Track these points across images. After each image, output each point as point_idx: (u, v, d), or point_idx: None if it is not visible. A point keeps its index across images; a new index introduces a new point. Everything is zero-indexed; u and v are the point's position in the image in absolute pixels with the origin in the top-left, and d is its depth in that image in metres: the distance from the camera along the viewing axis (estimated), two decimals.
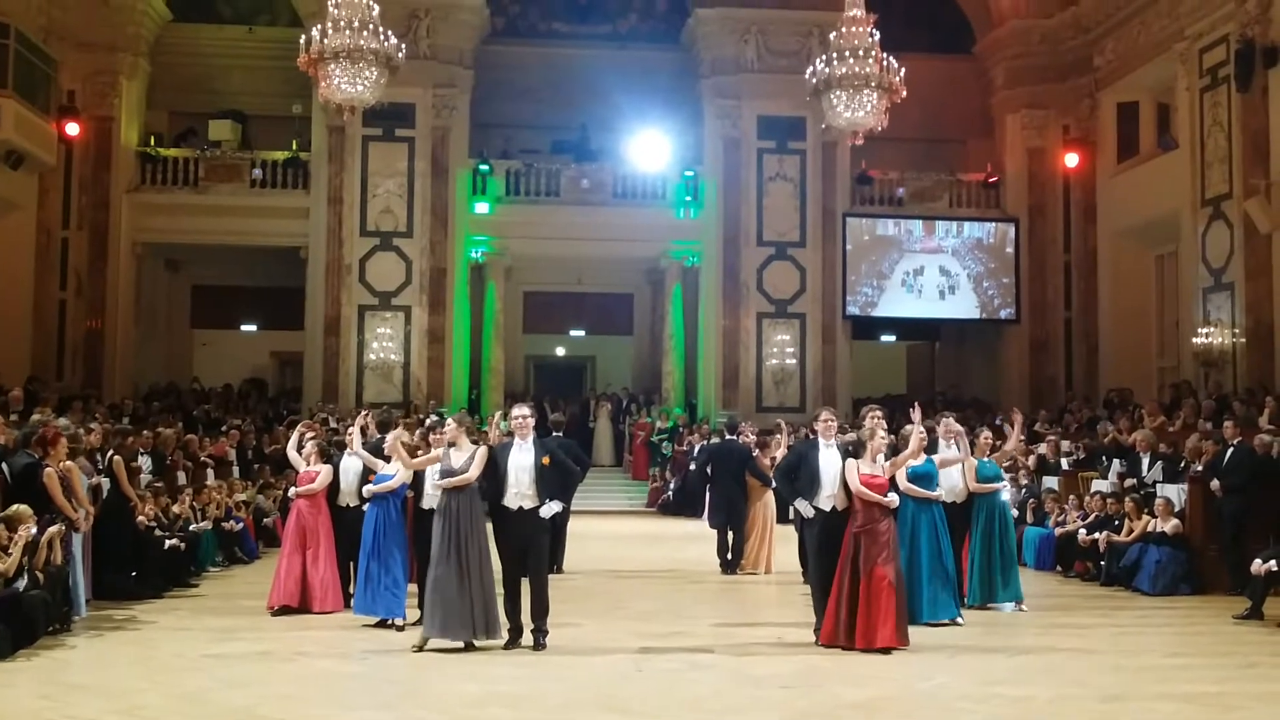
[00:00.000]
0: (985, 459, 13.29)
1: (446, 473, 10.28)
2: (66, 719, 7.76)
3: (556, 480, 10.37)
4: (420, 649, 10.01)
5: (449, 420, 10.79)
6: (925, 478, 11.94)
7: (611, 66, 29.94)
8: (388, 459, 11.73)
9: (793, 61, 26.71)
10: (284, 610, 12.06)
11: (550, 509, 10.23)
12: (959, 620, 11.77)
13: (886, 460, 10.77)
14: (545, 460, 10.24)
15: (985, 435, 13.73)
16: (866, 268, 28.97)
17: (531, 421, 10.43)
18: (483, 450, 10.30)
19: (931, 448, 12.41)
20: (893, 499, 10.54)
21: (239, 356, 31.05)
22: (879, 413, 12.43)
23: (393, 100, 20.45)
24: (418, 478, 11.46)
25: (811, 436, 11.87)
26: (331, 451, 13.03)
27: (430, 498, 11.23)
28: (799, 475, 10.82)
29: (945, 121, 30.38)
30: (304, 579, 12.23)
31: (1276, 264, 22.01)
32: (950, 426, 12.85)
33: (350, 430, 12.77)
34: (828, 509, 10.61)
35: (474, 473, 10.14)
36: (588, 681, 9.06)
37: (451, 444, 10.43)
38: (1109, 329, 28.11)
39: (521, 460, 10.22)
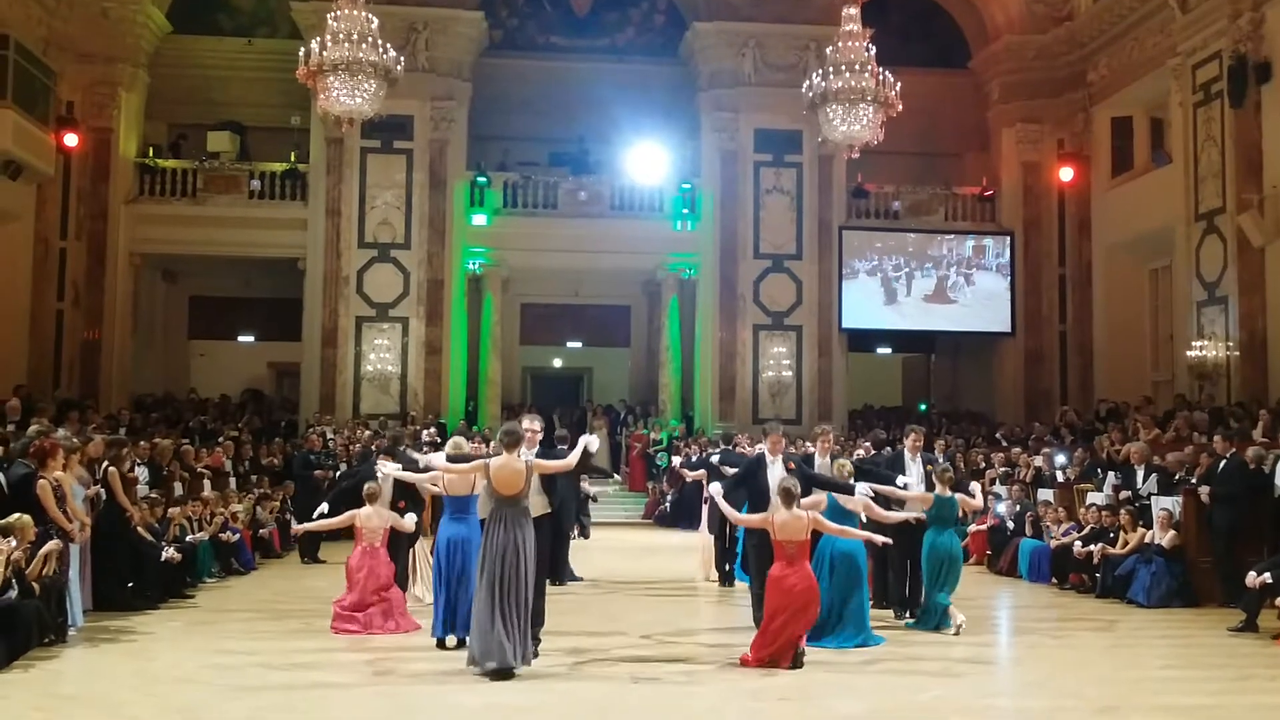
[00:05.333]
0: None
1: None
2: None
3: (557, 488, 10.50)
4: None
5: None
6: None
7: (609, 79, 30.06)
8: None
9: (790, 75, 26.82)
10: None
11: (592, 441, 10.22)
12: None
13: None
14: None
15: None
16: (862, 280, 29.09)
17: (539, 435, 10.45)
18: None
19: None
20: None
21: (236, 367, 31.04)
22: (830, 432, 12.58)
23: (391, 112, 20.53)
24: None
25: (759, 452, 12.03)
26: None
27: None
28: (745, 484, 11.04)
29: (941, 135, 30.53)
30: None
31: (1270, 278, 22.11)
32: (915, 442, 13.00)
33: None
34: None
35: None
36: (585, 694, 9.06)
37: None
38: (1104, 342, 28.20)
39: None
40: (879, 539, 11.37)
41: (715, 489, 11.25)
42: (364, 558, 12.03)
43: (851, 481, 11.82)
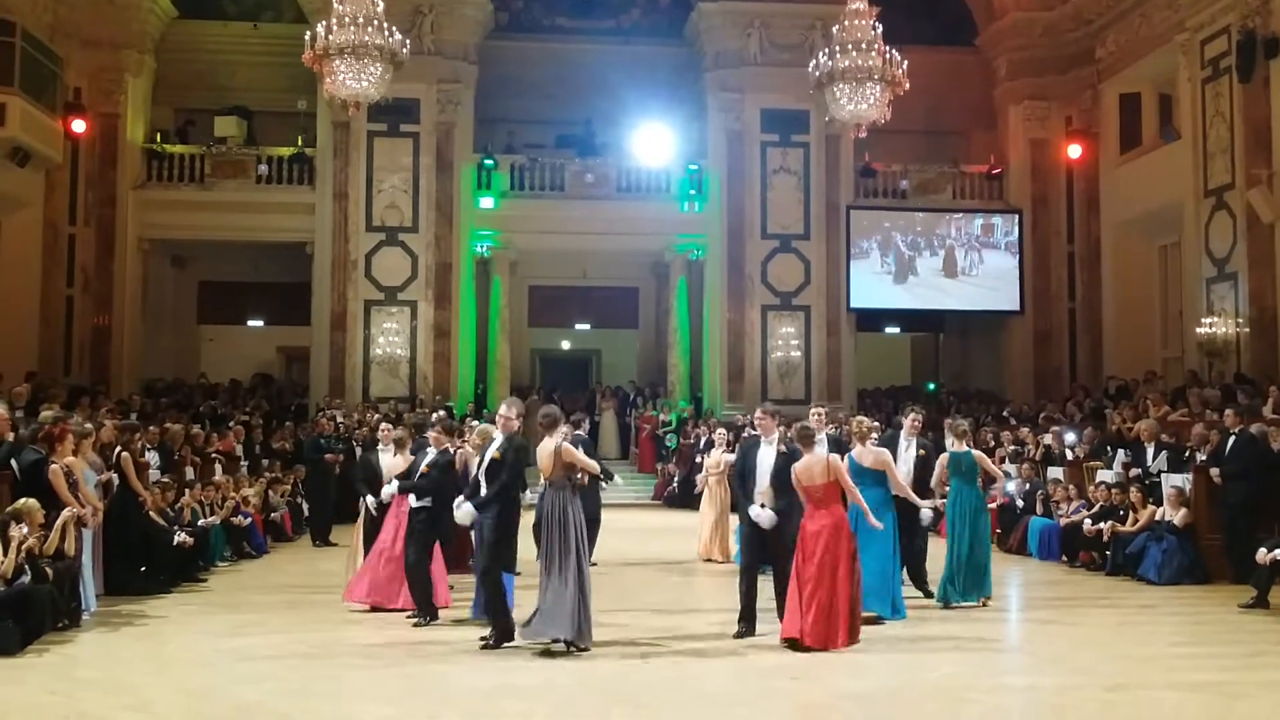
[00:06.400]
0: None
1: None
2: (75, 714, 7.78)
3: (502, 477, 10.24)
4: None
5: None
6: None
7: (615, 61, 30.00)
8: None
9: (795, 55, 26.74)
10: None
11: (463, 511, 10.20)
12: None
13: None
14: (495, 455, 10.20)
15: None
16: (870, 260, 29.06)
17: (515, 423, 10.30)
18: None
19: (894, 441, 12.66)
20: None
21: (246, 352, 31.10)
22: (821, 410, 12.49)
23: (397, 96, 20.51)
24: None
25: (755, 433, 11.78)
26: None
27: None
28: (746, 477, 10.66)
29: (948, 114, 30.44)
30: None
31: (1279, 253, 22.04)
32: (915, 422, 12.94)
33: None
34: (758, 505, 10.47)
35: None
36: (596, 674, 9.09)
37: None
38: (1113, 320, 28.16)
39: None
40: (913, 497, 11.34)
41: (756, 513, 10.71)
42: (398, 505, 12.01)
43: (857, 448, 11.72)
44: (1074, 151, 28.67)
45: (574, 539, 9.76)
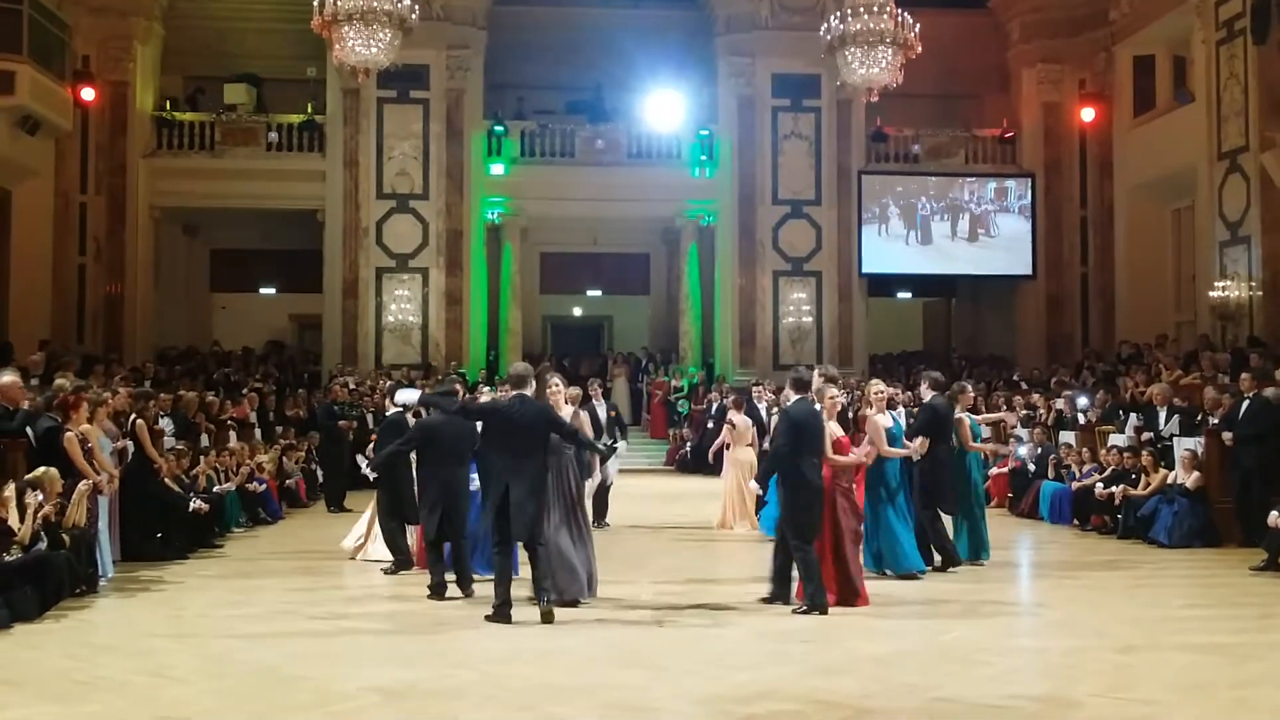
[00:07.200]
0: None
1: None
2: (94, 679, 7.80)
3: None
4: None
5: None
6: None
7: (625, 25, 29.80)
8: None
9: (807, 18, 26.56)
10: None
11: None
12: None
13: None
14: None
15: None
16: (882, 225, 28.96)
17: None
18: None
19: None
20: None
21: (258, 319, 31.13)
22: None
23: (406, 62, 20.48)
24: None
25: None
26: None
27: None
28: None
29: (961, 77, 30.22)
30: None
31: None
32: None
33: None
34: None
35: None
36: (611, 638, 9.13)
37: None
38: (1126, 284, 28.05)
39: None
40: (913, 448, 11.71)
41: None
42: None
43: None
44: (1087, 115, 28.48)
45: (560, 503, 10.30)
